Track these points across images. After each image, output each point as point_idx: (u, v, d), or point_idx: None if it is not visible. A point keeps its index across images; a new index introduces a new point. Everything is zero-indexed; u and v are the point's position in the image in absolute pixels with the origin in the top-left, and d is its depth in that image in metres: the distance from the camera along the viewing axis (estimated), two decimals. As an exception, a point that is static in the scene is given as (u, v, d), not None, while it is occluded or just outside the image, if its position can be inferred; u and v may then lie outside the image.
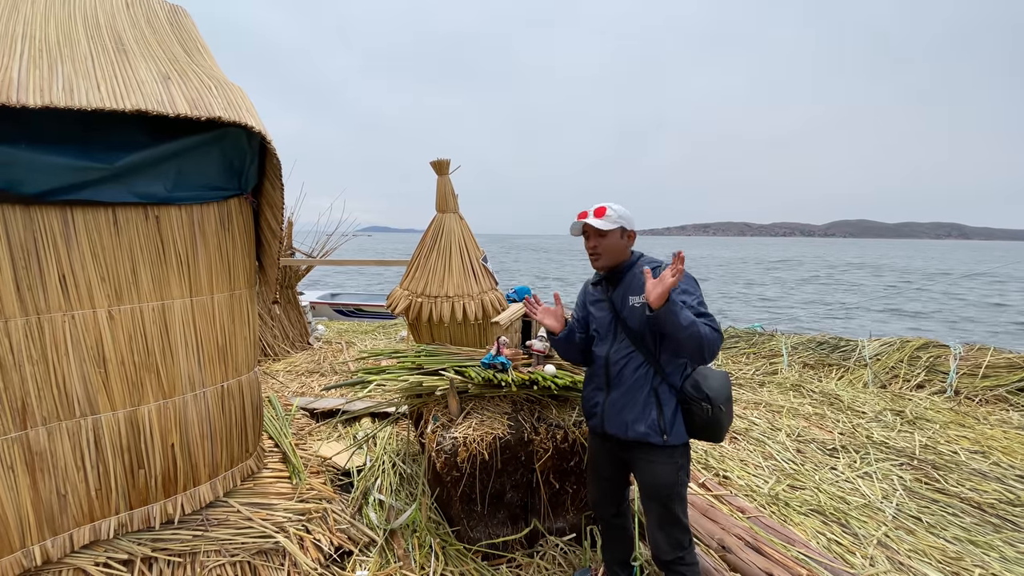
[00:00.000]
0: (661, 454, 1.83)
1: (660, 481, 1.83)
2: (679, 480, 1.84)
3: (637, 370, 1.84)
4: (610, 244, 1.91)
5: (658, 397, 1.82)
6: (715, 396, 1.79)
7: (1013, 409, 4.85)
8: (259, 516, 2.30)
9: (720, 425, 1.80)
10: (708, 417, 1.77)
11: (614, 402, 1.89)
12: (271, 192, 2.26)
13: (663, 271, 1.75)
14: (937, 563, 2.68)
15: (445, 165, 3.33)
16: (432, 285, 3.22)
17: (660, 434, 1.80)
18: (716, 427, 1.80)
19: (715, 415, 1.78)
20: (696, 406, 1.80)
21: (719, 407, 1.78)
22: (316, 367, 5.99)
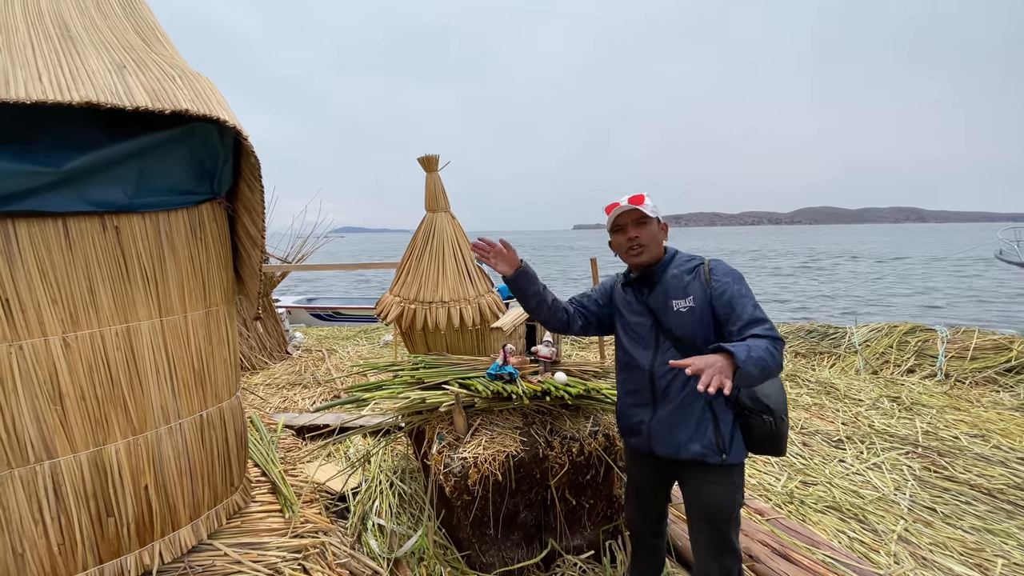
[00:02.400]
0: (719, 474, 1.65)
1: (717, 504, 1.65)
2: (736, 502, 1.66)
3: (688, 384, 1.64)
4: (652, 234, 1.73)
5: (713, 412, 1.64)
6: (776, 407, 1.62)
7: (1003, 390, 4.91)
8: (250, 558, 2.06)
9: (782, 437, 1.64)
10: (771, 431, 1.60)
11: (663, 420, 1.69)
12: (248, 195, 2.01)
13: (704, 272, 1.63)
14: (959, 556, 2.62)
15: (434, 161, 3.11)
16: (426, 290, 3.00)
17: (719, 453, 1.62)
18: (778, 440, 1.63)
19: (778, 427, 1.61)
20: (756, 419, 1.62)
21: (781, 418, 1.62)
22: (298, 378, 5.69)
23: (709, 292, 1.63)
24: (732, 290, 1.59)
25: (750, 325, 1.53)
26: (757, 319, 1.53)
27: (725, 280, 1.63)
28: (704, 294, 1.64)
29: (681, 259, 1.76)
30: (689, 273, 1.70)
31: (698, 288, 1.65)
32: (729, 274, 1.66)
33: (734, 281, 1.62)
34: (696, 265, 1.70)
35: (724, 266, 1.69)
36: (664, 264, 1.75)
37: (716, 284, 1.63)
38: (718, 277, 1.64)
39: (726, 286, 1.61)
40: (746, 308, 1.56)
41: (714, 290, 1.62)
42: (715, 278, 1.64)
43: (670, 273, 1.72)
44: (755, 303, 1.59)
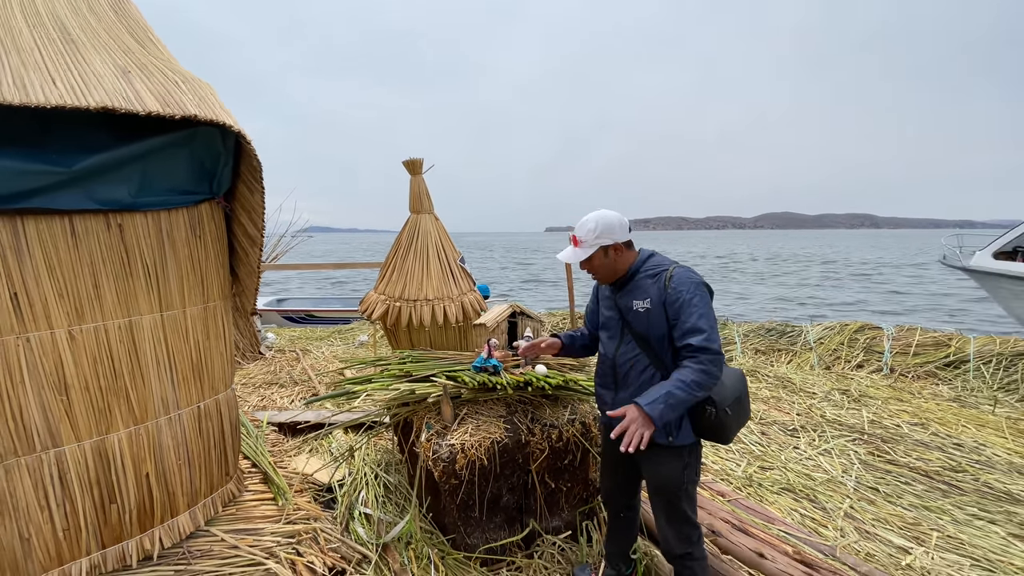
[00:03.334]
0: (668, 454, 1.83)
1: (667, 479, 1.85)
2: (686, 478, 1.84)
3: (643, 372, 1.84)
4: (597, 266, 1.90)
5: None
6: (720, 400, 1.77)
7: (942, 383, 5.35)
8: (246, 543, 2.15)
9: (724, 428, 1.78)
10: (713, 421, 1.77)
11: (621, 402, 1.87)
12: (248, 196, 2.11)
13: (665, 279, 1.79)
14: (898, 529, 2.90)
15: (418, 164, 3.24)
16: (410, 288, 3.13)
17: (666, 435, 1.81)
18: (721, 430, 1.79)
19: (719, 419, 1.76)
20: (700, 408, 1.79)
21: (724, 411, 1.76)
22: (274, 377, 5.69)
23: (664, 297, 1.77)
24: (683, 299, 1.72)
25: (688, 334, 1.69)
26: (695, 329, 1.67)
27: (680, 289, 1.75)
28: (659, 299, 1.78)
29: (651, 264, 1.89)
30: (652, 278, 1.84)
31: (655, 293, 1.80)
32: (686, 283, 1.76)
33: (688, 291, 1.73)
34: (660, 272, 1.83)
35: (684, 275, 1.79)
36: (634, 269, 1.90)
37: (671, 291, 1.76)
38: (675, 285, 1.76)
39: (679, 294, 1.74)
40: (690, 317, 1.70)
41: (668, 296, 1.76)
42: (672, 286, 1.77)
43: (638, 277, 1.88)
44: (702, 313, 1.70)
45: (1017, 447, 3.96)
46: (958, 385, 5.42)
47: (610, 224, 1.84)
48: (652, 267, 1.88)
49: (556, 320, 8.90)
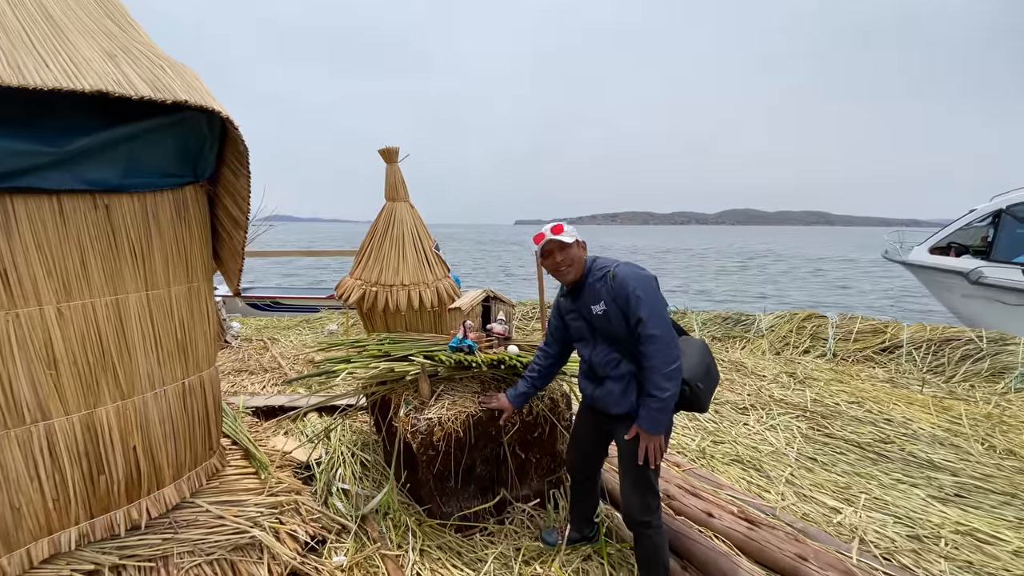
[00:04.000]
0: None
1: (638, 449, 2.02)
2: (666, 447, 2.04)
3: (618, 366, 2.01)
4: (573, 256, 2.05)
5: (639, 383, 1.98)
6: (691, 376, 1.94)
7: (878, 366, 5.83)
8: (230, 513, 2.24)
9: (699, 400, 1.97)
10: (688, 395, 1.95)
11: (607, 392, 2.06)
12: (232, 180, 2.18)
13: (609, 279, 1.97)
14: (832, 493, 3.23)
15: (394, 153, 3.34)
16: (386, 274, 3.24)
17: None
18: (696, 402, 1.98)
19: (693, 393, 1.95)
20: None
21: (696, 385, 1.94)
22: (242, 365, 5.68)
23: (613, 296, 1.94)
24: (628, 294, 1.89)
25: (637, 326, 1.88)
26: (641, 320, 1.86)
27: (623, 285, 1.91)
28: (610, 298, 1.95)
29: (596, 267, 2.05)
30: (599, 281, 2.00)
31: (606, 293, 1.97)
32: (629, 279, 1.91)
33: (631, 286, 1.89)
34: (604, 273, 1.99)
35: (626, 272, 1.95)
36: (585, 275, 2.07)
37: (617, 289, 1.93)
38: (618, 283, 1.93)
39: (624, 290, 1.90)
40: (637, 311, 1.87)
41: (616, 293, 1.93)
42: (615, 284, 1.94)
43: (588, 282, 2.05)
44: (646, 303, 1.87)
45: (940, 422, 4.40)
46: (892, 368, 5.92)
47: (573, 229, 2.08)
48: (598, 270, 2.05)
49: (527, 309, 9.11)
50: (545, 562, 2.45)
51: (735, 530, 2.52)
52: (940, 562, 2.50)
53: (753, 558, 2.40)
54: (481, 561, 2.45)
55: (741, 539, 2.48)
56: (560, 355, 2.38)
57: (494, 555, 2.48)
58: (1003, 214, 10.02)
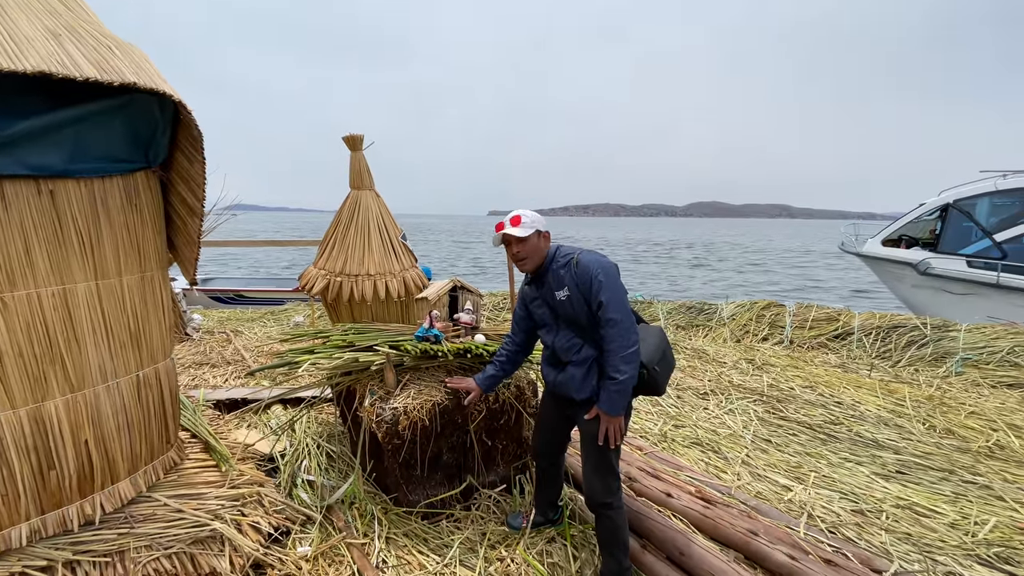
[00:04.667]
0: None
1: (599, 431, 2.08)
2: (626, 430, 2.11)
3: (581, 351, 2.07)
4: (530, 247, 2.09)
5: (601, 367, 2.04)
6: (648, 360, 2.01)
7: (831, 352, 6.11)
8: (190, 506, 2.21)
9: (656, 383, 2.05)
10: (646, 379, 2.01)
11: (569, 377, 2.11)
12: (187, 166, 2.12)
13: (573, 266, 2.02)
14: (784, 472, 3.39)
15: (359, 140, 3.30)
16: (351, 263, 3.21)
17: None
18: (653, 386, 2.05)
19: (651, 376, 2.01)
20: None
21: (653, 368, 2.01)
22: (204, 358, 5.52)
23: (576, 282, 2.00)
24: (591, 279, 1.95)
25: (598, 310, 1.94)
26: (601, 304, 1.92)
27: (587, 271, 1.97)
28: (573, 284, 2.01)
29: (560, 255, 2.09)
30: (563, 268, 2.05)
31: (569, 280, 2.02)
32: (591, 266, 1.98)
33: (593, 272, 1.95)
34: (568, 261, 2.04)
35: (589, 259, 2.02)
36: (548, 262, 2.11)
37: (580, 275, 1.99)
38: (582, 270, 1.99)
39: (587, 276, 1.96)
40: (598, 296, 1.93)
41: (579, 280, 1.99)
42: (579, 271, 2.00)
43: (552, 270, 2.09)
44: (607, 288, 1.93)
45: (886, 404, 4.65)
46: (844, 354, 6.22)
47: (536, 217, 2.10)
48: (562, 258, 2.10)
49: (497, 300, 9.13)
50: (510, 546, 2.51)
51: (692, 509, 2.63)
52: (881, 534, 2.66)
53: (708, 535, 2.50)
54: (447, 547, 2.48)
55: (697, 517, 2.58)
56: (525, 343, 2.43)
57: (460, 540, 2.51)
58: (950, 208, 10.58)
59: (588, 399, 2.09)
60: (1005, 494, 3.05)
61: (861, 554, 2.39)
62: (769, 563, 2.27)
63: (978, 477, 3.29)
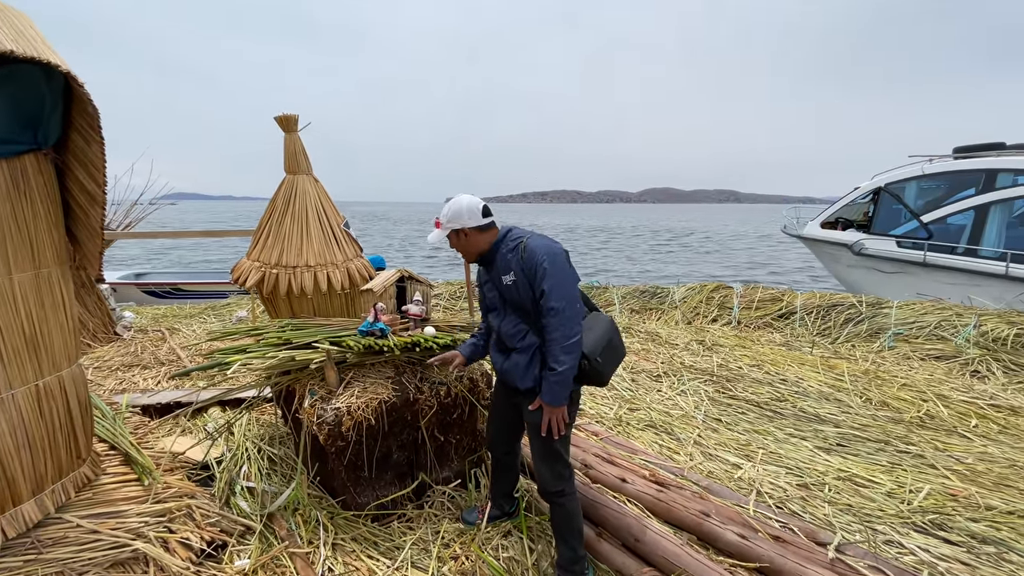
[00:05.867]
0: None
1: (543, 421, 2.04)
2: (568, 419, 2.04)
3: (525, 338, 2.02)
4: (458, 245, 2.09)
5: (543, 356, 1.98)
6: (590, 351, 1.94)
7: (776, 331, 6.34)
8: (107, 526, 2.00)
9: (598, 374, 1.99)
10: (588, 369, 1.95)
11: (513, 364, 2.06)
12: (84, 147, 1.88)
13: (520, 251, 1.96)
14: (734, 450, 3.47)
15: (293, 121, 3.07)
16: (289, 254, 3.00)
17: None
18: (595, 376, 1.99)
19: (592, 367, 1.95)
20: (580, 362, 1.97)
21: (595, 359, 1.94)
22: (135, 359, 5.13)
23: (523, 267, 1.95)
24: (535, 265, 1.90)
25: (541, 298, 1.89)
26: (544, 293, 1.88)
27: (533, 257, 1.92)
28: (520, 269, 1.96)
29: (509, 239, 2.05)
30: (511, 252, 2.00)
31: (516, 265, 1.97)
32: (538, 252, 1.92)
33: (539, 258, 1.90)
34: (517, 245, 1.99)
35: (536, 244, 1.96)
36: (496, 246, 2.07)
37: (526, 261, 1.94)
38: (528, 255, 1.94)
39: (533, 262, 1.91)
40: (542, 283, 1.88)
41: (525, 265, 1.94)
42: (526, 256, 1.94)
43: (500, 253, 2.05)
44: (552, 276, 1.87)
45: (826, 379, 4.85)
46: (787, 332, 6.47)
47: (458, 211, 2.02)
48: (510, 242, 2.04)
49: (454, 289, 8.97)
50: (465, 543, 2.43)
51: (646, 493, 2.63)
52: (824, 506, 2.75)
53: (662, 518, 2.51)
54: (399, 549, 2.38)
55: (652, 501, 2.59)
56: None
57: (412, 541, 2.41)
58: (881, 191, 11.19)
59: (531, 389, 2.04)
60: (936, 462, 3.23)
61: (807, 528, 2.46)
62: (721, 543, 2.30)
63: (911, 447, 3.47)
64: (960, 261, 9.39)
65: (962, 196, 9.76)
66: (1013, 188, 8.94)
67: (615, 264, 24.92)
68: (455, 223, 2.03)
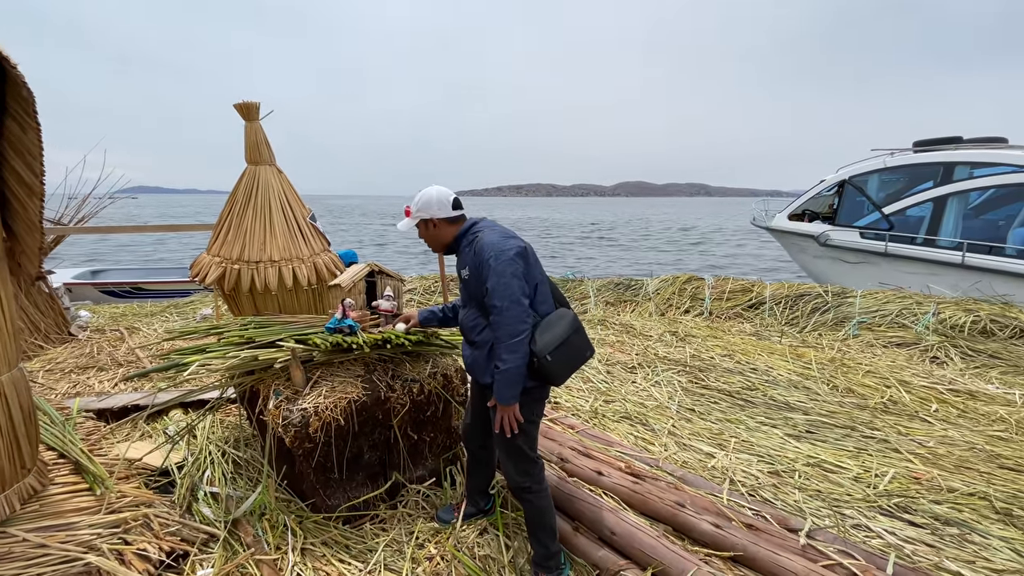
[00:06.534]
0: None
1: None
2: (523, 417, 1.96)
3: (483, 332, 2.01)
4: (426, 235, 2.10)
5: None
6: (540, 349, 1.86)
7: (746, 321, 6.46)
8: (57, 539, 1.87)
9: (549, 373, 1.90)
10: (538, 366, 1.88)
11: (474, 358, 2.07)
12: (19, 135, 1.74)
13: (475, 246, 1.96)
14: (707, 439, 3.51)
15: (254, 109, 2.92)
16: (251, 249, 2.87)
17: None
18: (547, 375, 1.91)
19: (541, 366, 1.87)
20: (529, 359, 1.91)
21: (545, 358, 1.85)
22: (91, 361, 4.89)
23: (475, 262, 1.94)
24: (483, 262, 1.89)
25: (486, 295, 1.88)
26: (487, 290, 1.87)
27: (482, 253, 1.90)
28: (474, 264, 1.95)
29: (470, 233, 2.03)
30: (468, 246, 2.01)
31: (471, 259, 1.97)
32: (488, 248, 1.89)
33: (487, 255, 1.87)
34: (472, 240, 1.98)
35: (488, 240, 1.92)
36: (459, 238, 2.07)
37: (477, 256, 1.92)
38: (479, 251, 1.92)
39: (481, 258, 1.89)
40: (488, 280, 1.86)
41: (477, 260, 1.92)
42: (477, 251, 1.93)
43: (460, 247, 2.07)
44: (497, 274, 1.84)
45: (795, 368, 4.96)
46: (757, 322, 6.60)
47: (428, 201, 2.02)
48: (470, 235, 2.02)
49: (428, 283, 8.85)
50: (440, 542, 2.38)
51: (622, 485, 2.62)
52: (795, 493, 2.80)
53: (638, 510, 2.51)
54: (371, 551, 2.31)
55: (627, 493, 2.59)
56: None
57: (385, 542, 2.35)
58: (846, 184, 11.51)
59: (491, 384, 2.00)
60: (900, 446, 3.33)
61: (778, 515, 2.49)
62: (695, 533, 2.31)
63: (876, 431, 3.57)
64: (919, 251, 9.75)
65: (921, 188, 10.11)
66: (969, 180, 9.31)
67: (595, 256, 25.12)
68: (424, 212, 2.03)
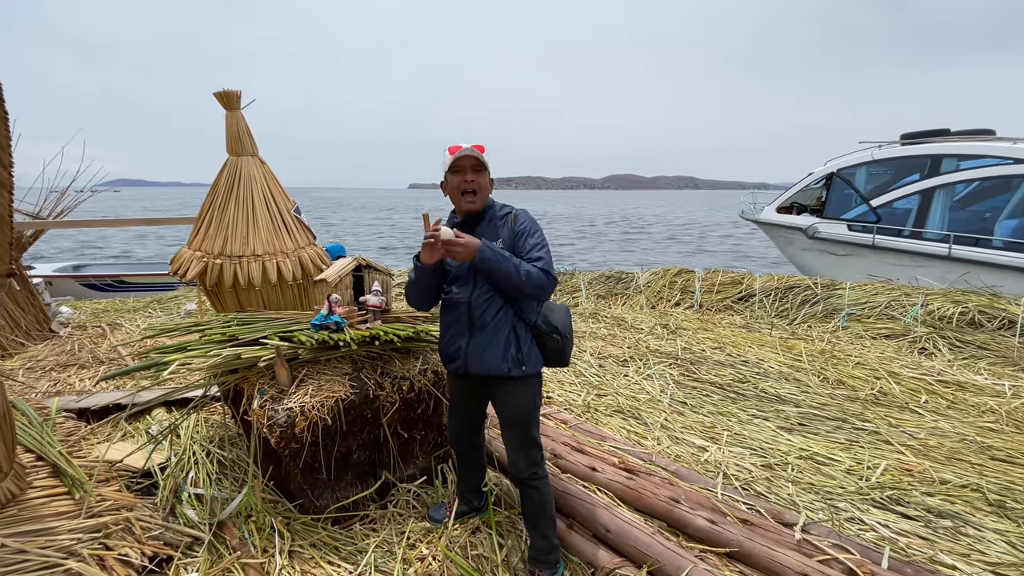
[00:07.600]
0: (520, 384, 1.99)
1: (520, 407, 2.00)
2: (535, 404, 2.04)
3: (498, 313, 1.96)
4: (485, 183, 2.01)
5: (516, 334, 1.98)
6: (562, 327, 2.03)
7: (736, 314, 6.47)
8: (35, 545, 1.80)
9: (565, 352, 2.06)
10: (558, 346, 2.01)
11: (477, 343, 1.97)
12: (-18, 124, 1.64)
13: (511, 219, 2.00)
14: (700, 433, 3.50)
15: (235, 97, 2.83)
16: (233, 243, 2.79)
17: (519, 366, 1.96)
18: (562, 353, 2.06)
19: (562, 344, 2.03)
20: (548, 338, 2.01)
21: (565, 336, 2.03)
22: (72, 358, 4.75)
23: (513, 234, 1.99)
24: (526, 230, 1.99)
25: (531, 249, 1.95)
26: (536, 257, 1.93)
27: (523, 225, 2.01)
28: (511, 236, 1.99)
29: (496, 207, 2.08)
30: (500, 220, 2.04)
31: (507, 232, 2.00)
32: (527, 220, 2.03)
33: (529, 225, 2.01)
34: (506, 213, 2.05)
35: (526, 215, 2.07)
36: (485, 211, 2.05)
37: (518, 227, 2.01)
38: (520, 221, 2.03)
39: (523, 227, 1.99)
40: (533, 249, 1.94)
41: (517, 230, 2.00)
42: (518, 222, 2.02)
43: (487, 219, 2.04)
44: (542, 243, 1.97)
45: (785, 360, 4.98)
46: (747, 315, 6.62)
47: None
48: (498, 209, 2.08)
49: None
50: (432, 542, 2.34)
51: (616, 481, 2.60)
52: (788, 486, 2.80)
53: (632, 506, 2.49)
54: (361, 552, 2.26)
55: (621, 489, 2.56)
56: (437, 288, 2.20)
57: (376, 543, 2.30)
58: (833, 177, 11.57)
59: (504, 375, 1.97)
60: (891, 438, 3.34)
61: (772, 509, 2.48)
62: (691, 529, 2.29)
63: (867, 423, 3.59)
64: (907, 243, 9.84)
65: (908, 181, 10.19)
66: (956, 173, 9.40)
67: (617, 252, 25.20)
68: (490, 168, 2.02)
